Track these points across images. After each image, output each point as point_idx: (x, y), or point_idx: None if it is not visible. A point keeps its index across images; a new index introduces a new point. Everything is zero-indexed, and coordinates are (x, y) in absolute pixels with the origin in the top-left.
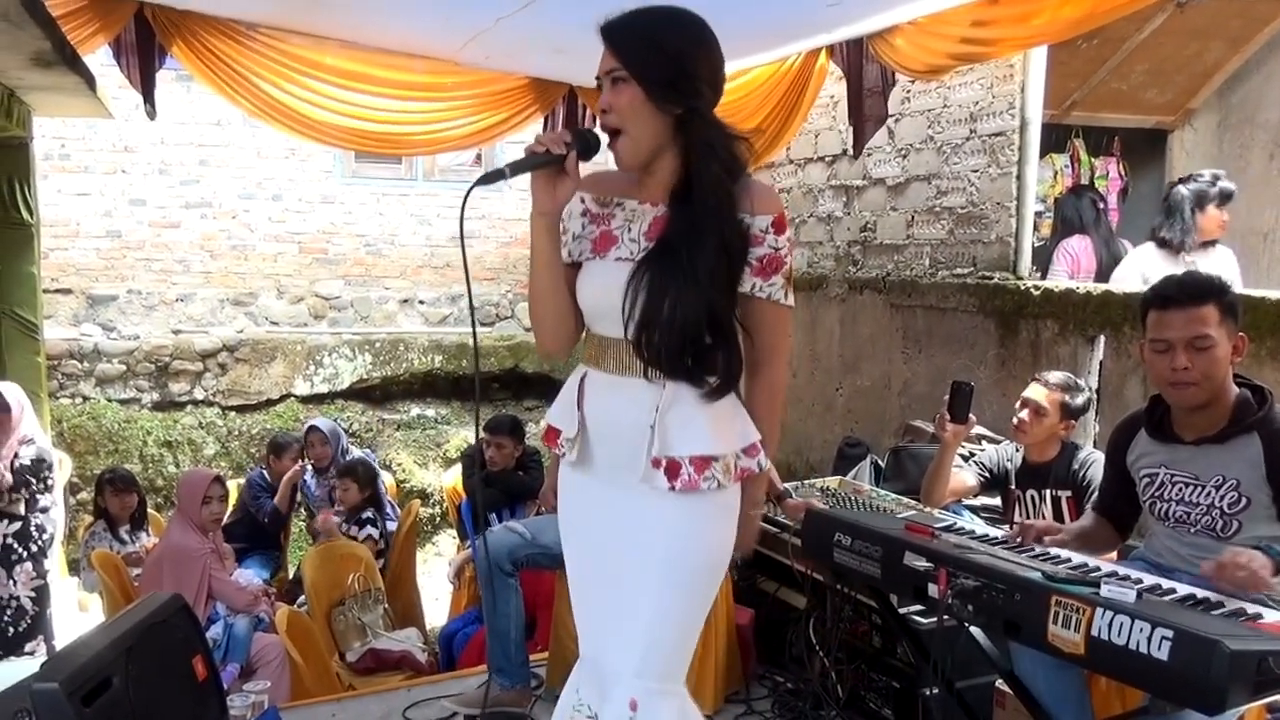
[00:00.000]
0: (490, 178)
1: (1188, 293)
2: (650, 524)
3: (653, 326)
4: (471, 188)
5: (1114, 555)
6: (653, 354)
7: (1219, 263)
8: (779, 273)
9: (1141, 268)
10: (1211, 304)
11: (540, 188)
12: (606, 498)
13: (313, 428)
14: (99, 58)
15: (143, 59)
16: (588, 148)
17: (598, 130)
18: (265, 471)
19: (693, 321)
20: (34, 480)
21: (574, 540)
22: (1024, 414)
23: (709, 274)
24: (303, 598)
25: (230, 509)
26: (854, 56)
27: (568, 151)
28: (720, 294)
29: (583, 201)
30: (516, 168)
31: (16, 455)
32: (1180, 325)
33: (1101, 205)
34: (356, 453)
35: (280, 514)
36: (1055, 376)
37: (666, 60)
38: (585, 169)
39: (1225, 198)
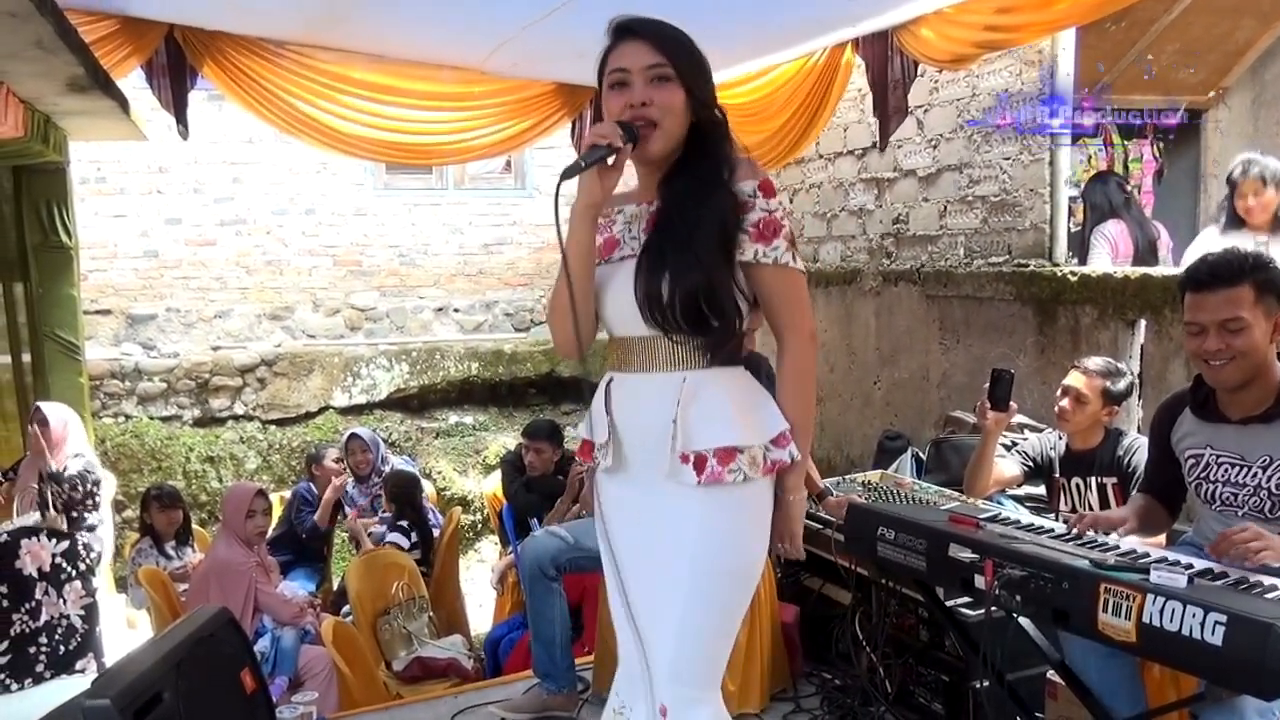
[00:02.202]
0: (571, 172)
1: (1218, 275)
2: (679, 522)
3: (658, 295)
4: (562, 179)
5: (1162, 540)
6: (660, 317)
7: None
8: (779, 235)
9: (1213, 248)
10: (1246, 284)
11: (595, 179)
12: (641, 501)
13: (354, 435)
14: (131, 81)
15: (174, 80)
16: (633, 140)
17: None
18: (311, 484)
19: (690, 289)
20: (80, 490)
21: (610, 546)
22: (1065, 401)
23: (704, 238)
24: (347, 608)
25: (275, 523)
26: (879, 49)
27: (623, 144)
28: (716, 259)
29: None
30: (588, 160)
31: (65, 469)
32: (1212, 308)
33: (1129, 189)
34: (396, 461)
35: (319, 530)
36: (1095, 362)
37: (702, 70)
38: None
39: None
